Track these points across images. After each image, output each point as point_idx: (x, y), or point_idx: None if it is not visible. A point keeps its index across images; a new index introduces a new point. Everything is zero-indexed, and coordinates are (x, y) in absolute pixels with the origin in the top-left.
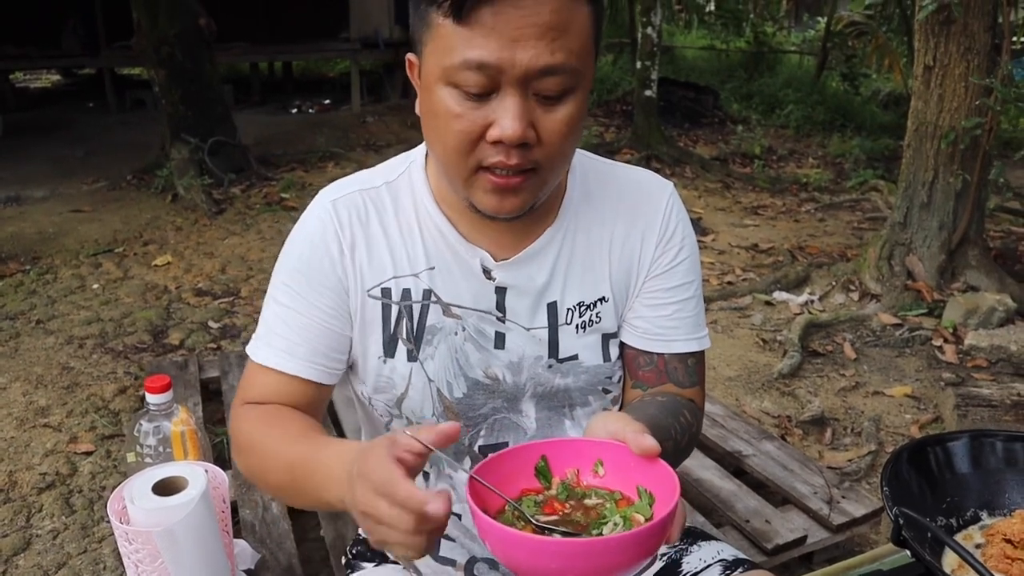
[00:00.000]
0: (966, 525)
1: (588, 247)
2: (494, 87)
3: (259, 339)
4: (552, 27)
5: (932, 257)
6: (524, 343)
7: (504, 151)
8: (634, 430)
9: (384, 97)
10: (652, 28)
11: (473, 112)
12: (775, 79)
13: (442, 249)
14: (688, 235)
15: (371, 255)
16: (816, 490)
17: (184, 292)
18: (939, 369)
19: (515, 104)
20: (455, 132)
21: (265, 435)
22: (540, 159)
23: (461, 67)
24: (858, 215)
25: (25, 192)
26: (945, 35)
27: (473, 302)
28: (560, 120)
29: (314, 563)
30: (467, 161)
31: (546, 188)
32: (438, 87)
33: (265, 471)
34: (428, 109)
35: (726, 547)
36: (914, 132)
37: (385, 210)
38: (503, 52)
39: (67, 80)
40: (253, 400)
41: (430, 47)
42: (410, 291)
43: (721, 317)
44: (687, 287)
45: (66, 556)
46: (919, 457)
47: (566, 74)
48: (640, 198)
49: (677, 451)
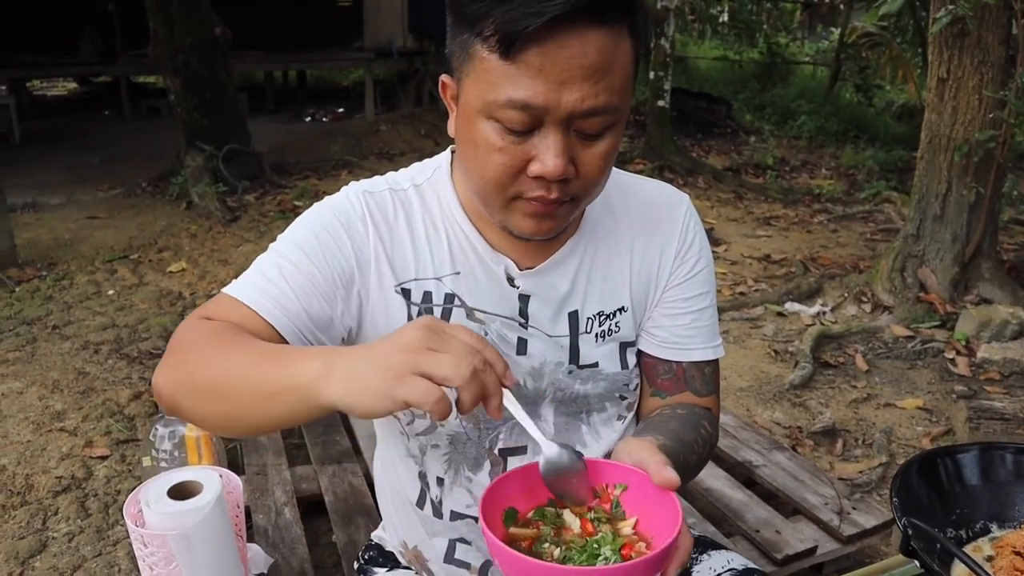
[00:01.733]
0: (975, 537)
1: (608, 258)
2: (536, 124)
3: (243, 279)
4: (597, 68)
5: (945, 269)
6: (546, 349)
7: (544, 186)
8: (657, 461)
9: (397, 106)
10: (665, 39)
11: (514, 147)
12: (788, 90)
13: (469, 255)
14: (704, 247)
15: (395, 253)
16: (827, 501)
17: (198, 299)
18: (951, 382)
19: (557, 142)
20: (495, 164)
21: (226, 335)
22: (578, 191)
23: (505, 105)
24: (871, 226)
25: (42, 199)
26: (959, 47)
27: (496, 308)
28: (599, 155)
29: (326, 568)
30: (506, 192)
31: (579, 211)
32: (478, 119)
33: (214, 366)
34: (467, 138)
35: (736, 556)
36: (927, 144)
37: (412, 212)
38: (549, 94)
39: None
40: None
41: (472, 78)
42: (431, 294)
43: (733, 328)
44: (704, 297)
45: (81, 559)
46: (929, 468)
47: (608, 114)
48: (659, 211)
49: (699, 463)
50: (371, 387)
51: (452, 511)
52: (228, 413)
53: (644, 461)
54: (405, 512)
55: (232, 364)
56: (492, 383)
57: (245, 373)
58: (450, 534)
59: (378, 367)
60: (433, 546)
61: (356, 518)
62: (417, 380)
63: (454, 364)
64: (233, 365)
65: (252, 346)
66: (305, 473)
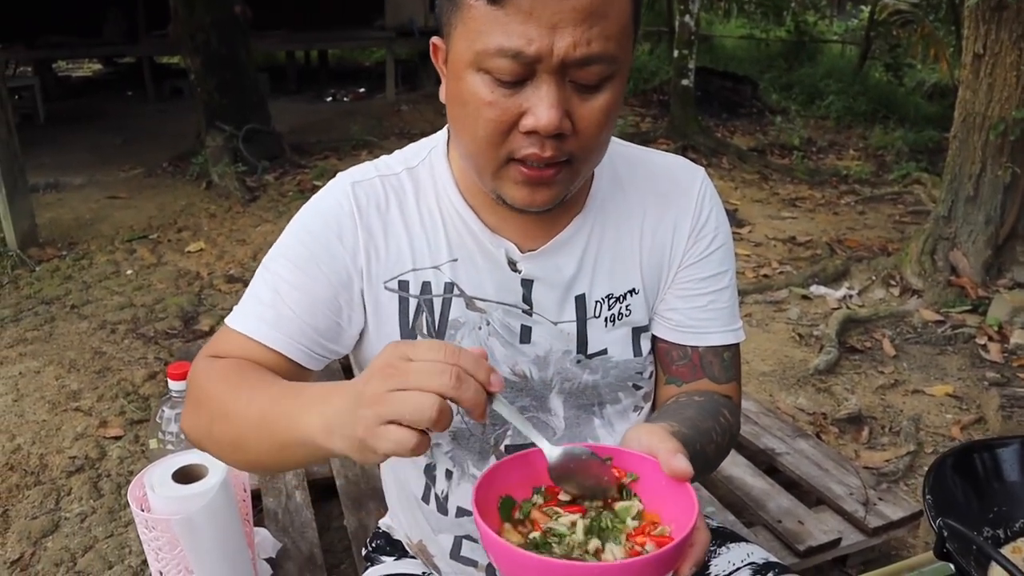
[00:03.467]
0: (1015, 536)
1: (617, 237)
2: (529, 74)
3: (243, 307)
4: (592, 12)
5: (977, 252)
6: (551, 337)
7: (538, 142)
8: (668, 449)
9: (419, 85)
10: (690, 16)
11: (505, 100)
12: (816, 69)
13: (466, 240)
14: (722, 223)
15: (388, 245)
16: (852, 491)
17: (216, 279)
18: (983, 368)
19: (551, 92)
20: (486, 121)
21: (233, 379)
22: (575, 150)
23: (495, 53)
24: (900, 208)
25: (64, 178)
26: (997, 21)
27: (498, 295)
28: (597, 109)
29: (336, 552)
30: (498, 152)
31: (579, 180)
32: (468, 73)
33: (227, 415)
34: (456, 96)
35: (756, 549)
36: (961, 123)
37: (406, 198)
38: (541, 39)
39: (108, 69)
40: (223, 356)
41: (460, 30)
42: (430, 284)
43: (756, 311)
44: (721, 277)
45: (93, 539)
46: (965, 463)
47: (605, 63)
48: (671, 185)
49: (718, 453)
50: (358, 444)
51: (458, 507)
52: (251, 463)
53: (655, 448)
54: (410, 507)
55: (241, 420)
56: (469, 399)
57: (255, 433)
58: (456, 531)
59: (357, 421)
60: (439, 542)
61: (367, 503)
62: (388, 431)
63: (416, 405)
64: (242, 421)
65: (256, 396)
66: None
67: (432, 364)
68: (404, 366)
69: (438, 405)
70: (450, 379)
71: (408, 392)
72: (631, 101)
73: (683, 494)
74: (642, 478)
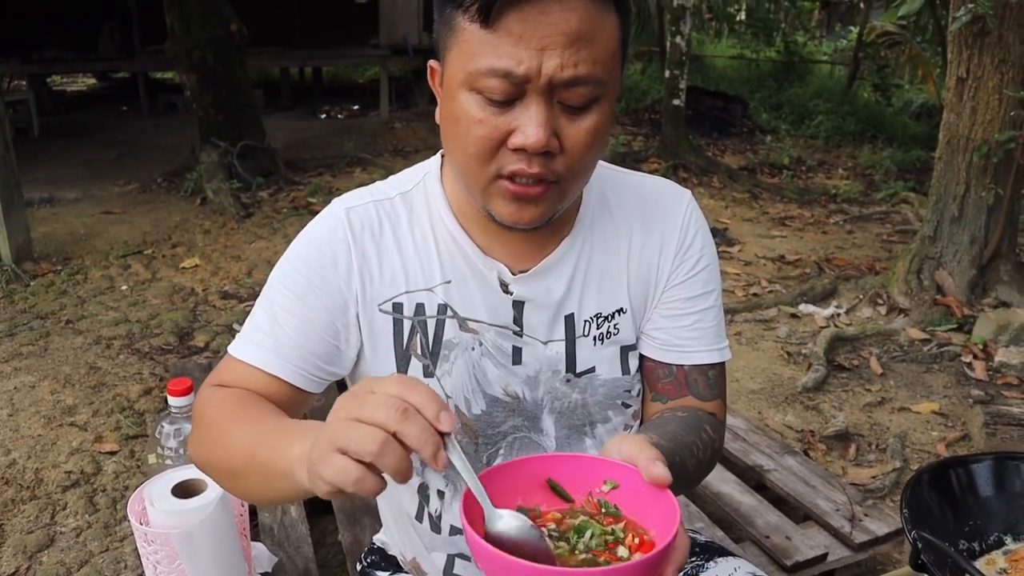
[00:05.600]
0: (989, 550)
1: (605, 257)
2: (518, 94)
3: (243, 336)
4: (579, 36)
5: (963, 272)
6: (540, 358)
7: (526, 159)
8: (647, 457)
9: (412, 103)
10: (681, 37)
11: (495, 118)
12: (805, 89)
13: (459, 262)
14: (707, 244)
15: (383, 269)
16: (838, 507)
17: (210, 295)
18: (968, 386)
19: (539, 112)
20: (476, 138)
21: (233, 409)
22: (562, 170)
23: (486, 74)
24: (888, 228)
25: (58, 193)
26: (979, 46)
27: (490, 317)
28: (584, 130)
29: (331, 568)
30: (487, 168)
31: (566, 200)
32: (461, 92)
33: (223, 446)
34: (449, 114)
35: (744, 563)
36: (946, 145)
37: (399, 222)
38: (529, 60)
39: (102, 84)
40: (227, 385)
41: (454, 52)
42: (424, 306)
43: (746, 329)
44: (707, 297)
45: (88, 554)
46: (941, 479)
47: (591, 85)
48: (657, 207)
49: (700, 468)
50: (312, 470)
51: (451, 526)
52: (244, 492)
53: (634, 457)
54: (403, 525)
55: (235, 450)
56: (414, 436)
57: (246, 465)
58: (449, 549)
59: (314, 445)
60: (432, 560)
61: (362, 518)
62: (335, 458)
63: (359, 435)
64: (236, 451)
65: (250, 430)
66: None
67: (382, 397)
68: (363, 397)
69: (381, 438)
70: (396, 412)
71: (356, 422)
72: (623, 120)
73: (664, 500)
74: (622, 486)
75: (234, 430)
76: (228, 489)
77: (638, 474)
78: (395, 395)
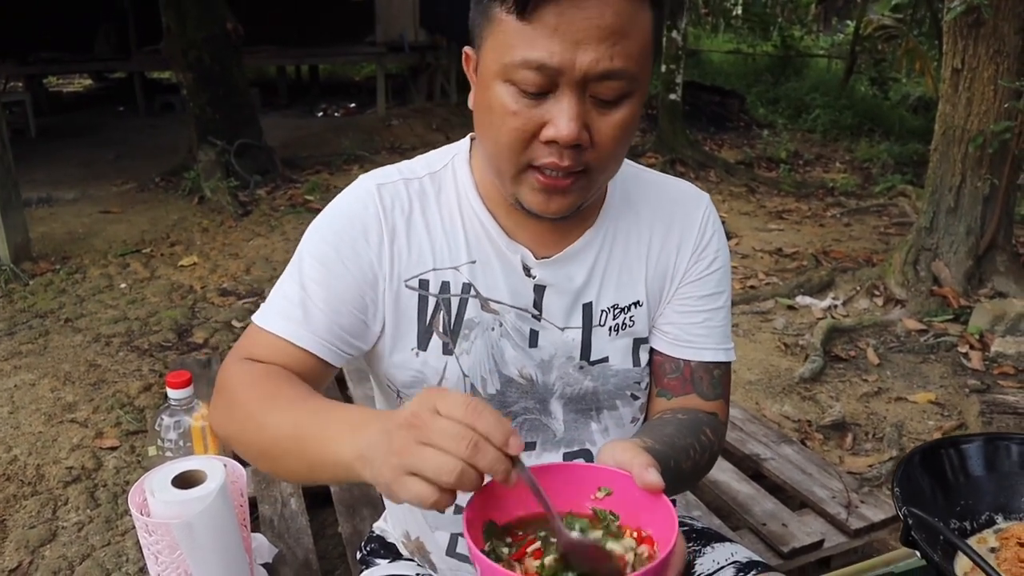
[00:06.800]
0: (980, 528)
1: (626, 251)
2: (551, 87)
3: (271, 306)
4: (614, 31)
5: (959, 262)
6: (556, 343)
7: (557, 152)
8: (640, 463)
9: (409, 100)
10: (677, 32)
11: (529, 110)
12: (802, 83)
13: (484, 243)
14: (722, 247)
15: (411, 246)
16: (834, 494)
17: (209, 292)
18: (964, 376)
19: (571, 105)
20: (509, 129)
21: (267, 388)
22: (592, 161)
23: (521, 66)
24: (885, 220)
25: (56, 193)
26: (974, 37)
27: (511, 299)
28: (615, 124)
29: (331, 559)
30: (519, 159)
31: (593, 190)
32: (495, 83)
33: (260, 426)
34: (483, 103)
35: (740, 549)
36: (941, 136)
37: (428, 201)
38: (564, 54)
39: (99, 84)
40: (256, 359)
41: (490, 42)
42: (449, 284)
43: (743, 321)
44: (718, 297)
45: (90, 548)
46: (932, 459)
47: (624, 79)
48: (678, 207)
49: (696, 470)
50: (384, 487)
51: (456, 505)
52: (278, 472)
53: (628, 463)
54: (406, 506)
55: (274, 431)
56: (488, 463)
57: (287, 448)
58: (452, 528)
59: (384, 464)
60: (435, 539)
61: (361, 509)
62: (411, 482)
63: (439, 465)
64: (276, 432)
65: (291, 411)
66: None
67: (451, 426)
68: (429, 420)
69: (458, 469)
70: (467, 445)
71: (431, 449)
72: None
73: (660, 506)
74: (616, 492)
75: (272, 411)
76: (258, 465)
77: (632, 480)
78: (465, 423)
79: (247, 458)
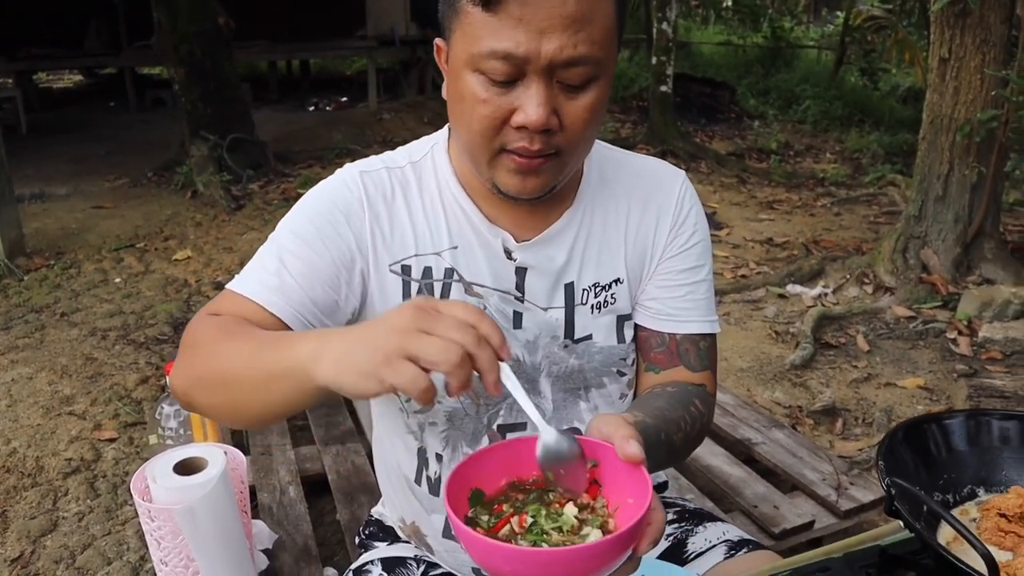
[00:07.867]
0: (963, 501)
1: (604, 229)
2: (519, 75)
3: (246, 274)
4: (577, 18)
5: (947, 250)
6: (540, 323)
7: (527, 136)
8: (622, 436)
9: (400, 94)
10: (667, 23)
11: (498, 98)
12: (792, 75)
13: (465, 229)
14: (700, 220)
15: (393, 231)
16: (825, 477)
17: (203, 286)
18: (953, 361)
19: (539, 92)
20: (480, 117)
21: (229, 326)
22: (562, 144)
23: (488, 56)
24: (874, 209)
25: (49, 189)
26: (961, 27)
27: (494, 282)
28: (582, 107)
29: (330, 545)
30: (491, 144)
31: (566, 171)
32: (465, 73)
33: (215, 357)
34: (455, 93)
35: (731, 528)
36: (929, 125)
37: (410, 189)
38: (529, 43)
39: (89, 80)
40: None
41: (458, 34)
42: (431, 269)
43: (734, 310)
44: (698, 270)
45: (91, 537)
46: (916, 435)
47: (589, 64)
48: (654, 184)
49: (687, 441)
50: (360, 368)
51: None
52: (234, 402)
53: (611, 435)
54: (402, 489)
55: (234, 354)
56: (486, 360)
57: (245, 361)
58: None
59: (368, 348)
60: (431, 522)
61: (359, 496)
62: (405, 365)
63: (442, 348)
64: (235, 355)
65: (252, 335)
66: (309, 453)
67: (455, 321)
68: (436, 313)
69: (461, 353)
70: (472, 337)
71: (435, 337)
72: (611, 108)
73: (638, 477)
74: (602, 463)
75: (230, 344)
76: (213, 405)
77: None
78: (469, 322)
79: (203, 400)
